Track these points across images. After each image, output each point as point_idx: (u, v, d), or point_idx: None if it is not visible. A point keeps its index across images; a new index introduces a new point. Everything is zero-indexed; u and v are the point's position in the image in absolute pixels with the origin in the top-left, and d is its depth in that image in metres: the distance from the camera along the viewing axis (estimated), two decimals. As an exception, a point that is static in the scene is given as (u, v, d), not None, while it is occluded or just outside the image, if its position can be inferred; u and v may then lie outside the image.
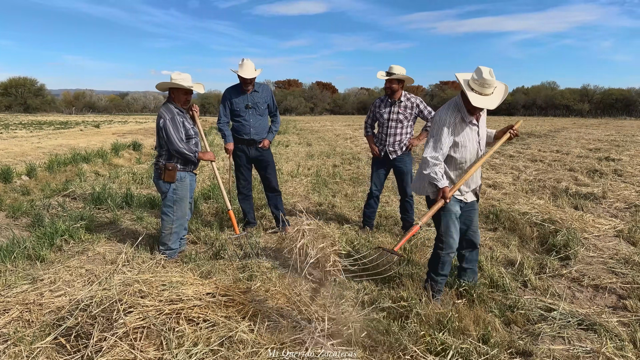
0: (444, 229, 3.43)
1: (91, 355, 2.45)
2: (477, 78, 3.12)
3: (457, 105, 3.30)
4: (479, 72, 3.13)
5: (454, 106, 3.31)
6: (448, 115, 3.27)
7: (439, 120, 3.30)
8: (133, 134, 21.35)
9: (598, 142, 16.90)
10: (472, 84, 3.16)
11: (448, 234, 3.41)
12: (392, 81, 4.88)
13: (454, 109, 3.30)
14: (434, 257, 3.53)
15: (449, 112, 3.29)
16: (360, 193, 7.47)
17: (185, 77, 4.29)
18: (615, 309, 3.41)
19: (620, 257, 4.39)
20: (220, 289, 2.93)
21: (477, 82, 3.12)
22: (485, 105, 3.15)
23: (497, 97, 3.20)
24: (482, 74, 3.10)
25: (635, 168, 9.98)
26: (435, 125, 3.31)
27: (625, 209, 6.38)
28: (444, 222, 3.42)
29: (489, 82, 3.09)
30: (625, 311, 3.35)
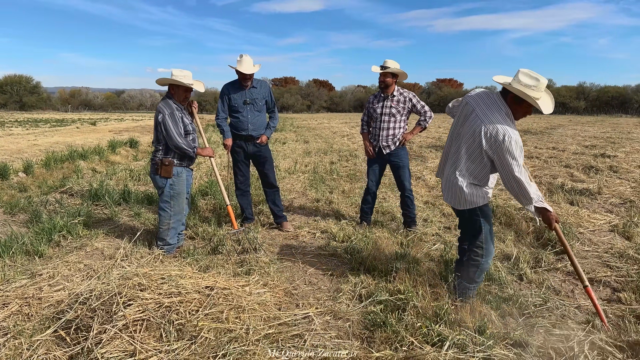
0: (484, 236, 3.22)
1: (91, 347, 2.47)
2: (533, 85, 2.87)
3: (508, 115, 2.97)
4: (533, 78, 2.88)
5: (509, 119, 2.96)
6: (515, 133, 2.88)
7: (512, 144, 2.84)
8: (130, 131, 21.32)
9: (594, 139, 16.96)
10: (525, 90, 2.87)
11: (489, 241, 3.24)
12: (386, 75, 4.92)
13: (511, 123, 2.95)
14: (472, 265, 3.28)
15: (513, 129, 2.90)
16: (358, 189, 7.50)
17: (186, 74, 4.29)
18: (610, 302, 3.46)
19: (615, 251, 4.43)
20: (219, 283, 2.96)
21: (533, 88, 2.87)
22: (551, 109, 2.96)
23: (548, 98, 3.02)
24: (539, 80, 2.87)
25: (630, 164, 10.04)
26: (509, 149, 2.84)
27: (620, 205, 6.43)
28: (486, 229, 3.23)
29: (544, 86, 2.90)
30: (620, 304, 3.40)
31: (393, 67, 4.88)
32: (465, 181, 3.12)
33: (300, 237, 5.04)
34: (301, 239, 4.98)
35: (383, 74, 4.92)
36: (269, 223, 5.55)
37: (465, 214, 3.26)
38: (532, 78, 2.87)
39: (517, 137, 2.87)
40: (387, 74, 4.92)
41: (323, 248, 4.65)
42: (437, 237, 4.97)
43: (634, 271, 3.92)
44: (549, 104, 2.97)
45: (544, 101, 2.94)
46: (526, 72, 2.91)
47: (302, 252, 4.57)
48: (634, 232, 4.98)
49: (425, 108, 5.09)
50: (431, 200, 6.77)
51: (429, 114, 5.10)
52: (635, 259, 4.18)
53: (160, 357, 2.35)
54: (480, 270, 3.26)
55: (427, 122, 5.11)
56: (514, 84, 2.91)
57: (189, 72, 4.33)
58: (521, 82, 2.88)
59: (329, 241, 4.83)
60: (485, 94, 3.10)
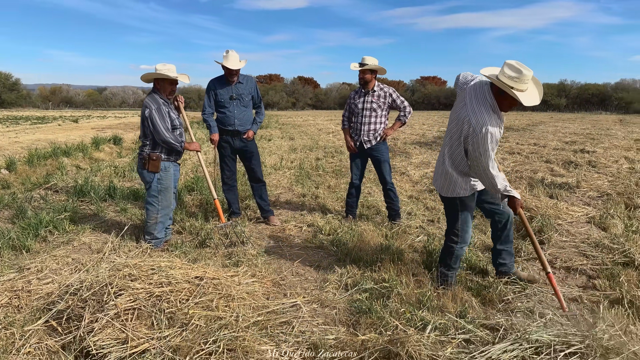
0: (461, 223, 3.35)
1: (83, 336, 2.52)
2: (515, 75, 2.87)
3: (493, 108, 3.02)
4: (515, 68, 2.88)
5: (491, 111, 3.00)
6: (493, 126, 2.95)
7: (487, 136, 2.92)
8: (112, 128, 21.14)
9: (574, 135, 17.32)
10: (508, 82, 2.88)
11: (464, 229, 3.37)
12: (365, 72, 5.02)
13: (493, 115, 3.00)
14: (447, 251, 3.44)
15: (492, 121, 2.96)
16: (343, 185, 7.59)
17: (170, 68, 4.33)
18: (585, 288, 3.60)
19: (592, 242, 4.60)
20: (209, 273, 3.02)
21: (516, 80, 2.87)
22: (533, 102, 2.92)
23: (534, 89, 3.00)
24: (520, 70, 2.86)
25: (608, 159, 10.31)
26: (484, 140, 2.93)
27: (597, 198, 6.63)
28: (463, 217, 3.35)
29: (528, 77, 2.88)
30: (594, 290, 3.55)
31: (371, 63, 4.98)
32: (451, 169, 3.24)
33: (287, 230, 5.12)
34: (288, 233, 5.05)
35: (362, 71, 5.03)
36: (256, 217, 5.61)
37: (447, 201, 3.40)
38: (515, 69, 2.88)
39: (493, 130, 2.94)
40: (366, 71, 5.02)
41: (309, 241, 4.73)
42: (421, 229, 5.09)
43: (609, 260, 4.08)
44: (532, 96, 2.95)
45: (527, 93, 2.92)
46: (511, 63, 2.91)
47: (289, 245, 4.64)
48: (609, 224, 5.15)
49: (405, 103, 5.21)
50: (415, 195, 6.89)
51: (408, 109, 5.21)
52: (610, 249, 4.35)
53: (152, 343, 2.41)
54: (455, 256, 3.40)
55: (406, 118, 5.22)
56: (499, 75, 2.95)
57: (172, 66, 4.36)
58: (505, 73, 2.91)
59: (315, 234, 4.91)
60: (479, 84, 3.14)
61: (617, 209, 5.78)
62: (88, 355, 2.45)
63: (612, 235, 4.76)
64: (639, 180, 7.66)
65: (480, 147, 2.96)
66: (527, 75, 2.88)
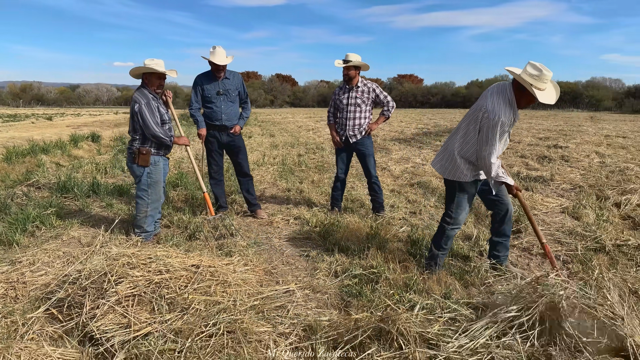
0: (455, 205, 3.55)
1: (86, 322, 2.59)
2: (536, 74, 3.10)
3: (511, 103, 3.22)
4: (537, 68, 3.11)
5: (508, 105, 3.22)
6: (507, 118, 3.18)
7: (496, 121, 3.16)
8: (88, 126, 20.83)
9: (548, 131, 17.85)
10: (529, 79, 3.11)
11: (458, 211, 3.55)
12: (349, 68, 5.17)
13: (509, 108, 3.21)
14: (440, 230, 3.64)
15: (507, 113, 3.19)
16: (327, 179, 7.73)
17: (158, 63, 4.39)
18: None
19: (565, 230, 4.85)
20: (205, 261, 3.12)
21: (536, 78, 3.10)
22: (549, 100, 3.15)
23: (552, 90, 3.23)
24: (542, 70, 3.08)
25: (580, 154, 10.71)
26: (490, 126, 3.18)
27: (570, 190, 6.93)
28: (458, 200, 3.54)
29: (548, 77, 3.10)
30: (569, 274, 3.76)
31: (355, 60, 5.13)
32: (458, 155, 3.44)
33: (275, 223, 5.23)
34: (276, 225, 5.17)
35: (346, 68, 5.17)
36: (243, 211, 5.70)
37: (448, 183, 3.60)
38: (537, 69, 3.11)
39: (505, 121, 3.17)
40: (350, 67, 5.16)
41: (297, 232, 4.86)
42: (404, 220, 5.27)
43: (582, 246, 4.33)
44: (549, 95, 3.17)
45: (545, 92, 3.15)
46: (534, 63, 3.14)
47: (277, 237, 4.76)
48: (582, 213, 5.42)
49: (388, 98, 5.37)
50: (397, 189, 7.07)
51: (392, 103, 5.38)
52: (582, 236, 4.60)
53: (154, 327, 2.51)
54: (446, 236, 3.60)
55: (389, 112, 5.39)
56: (522, 73, 3.17)
57: (160, 61, 4.42)
58: (527, 72, 3.14)
59: (302, 226, 5.04)
60: (503, 83, 3.37)
61: (588, 200, 6.08)
62: (92, 339, 2.53)
63: (584, 224, 5.02)
64: (609, 174, 8.02)
65: (489, 133, 3.19)
66: (547, 75, 3.10)
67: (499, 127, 3.16)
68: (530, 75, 3.13)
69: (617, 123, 25.04)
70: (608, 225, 4.91)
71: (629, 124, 24.22)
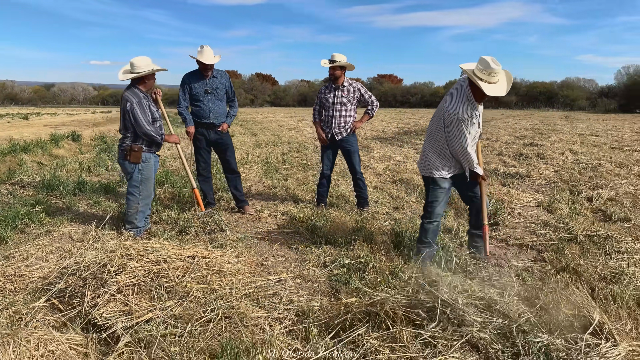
0: (430, 199, 3.77)
1: (88, 310, 2.70)
2: (483, 68, 3.25)
3: (467, 97, 3.42)
4: (485, 62, 3.25)
5: (465, 99, 3.42)
6: (465, 113, 3.38)
7: (459, 118, 3.38)
8: (66, 125, 20.57)
9: (524, 130, 18.35)
10: (479, 74, 3.27)
11: (433, 205, 3.76)
12: (334, 68, 5.34)
13: (466, 102, 3.41)
14: (420, 225, 3.87)
15: (464, 109, 3.39)
16: (311, 177, 7.89)
17: (147, 62, 4.48)
18: (535, 261, 4.06)
19: (540, 222, 5.10)
20: (200, 253, 3.25)
21: (485, 72, 3.25)
22: (497, 92, 3.29)
23: (504, 83, 3.38)
24: (488, 64, 3.22)
25: (555, 152, 11.10)
26: (457, 124, 3.40)
27: (545, 185, 7.24)
28: (433, 195, 3.75)
29: (496, 71, 3.25)
30: (543, 262, 4.01)
31: (340, 60, 5.31)
32: (430, 152, 3.67)
33: (263, 218, 5.37)
34: (264, 220, 5.31)
35: (332, 67, 5.34)
36: (231, 208, 5.82)
37: (424, 179, 3.85)
38: (484, 63, 3.28)
39: (465, 116, 3.39)
40: (336, 67, 5.34)
41: (285, 227, 5.01)
42: (388, 215, 5.46)
43: (555, 237, 4.58)
44: (498, 88, 3.34)
45: (494, 85, 3.32)
46: (483, 58, 3.31)
47: (266, 231, 4.91)
48: (556, 207, 5.70)
49: (372, 98, 5.57)
50: (380, 186, 7.27)
51: (375, 103, 5.58)
52: (556, 227, 4.86)
53: (155, 313, 2.63)
54: (423, 229, 3.81)
55: (374, 111, 5.59)
56: (474, 69, 3.35)
57: (147, 58, 4.49)
58: (477, 67, 3.32)
59: (290, 221, 5.19)
60: (462, 79, 3.57)
61: (562, 194, 6.38)
62: (95, 326, 2.64)
63: (558, 217, 5.29)
64: (582, 170, 8.37)
65: (456, 129, 3.43)
66: (495, 69, 3.26)
67: (461, 122, 3.40)
68: (481, 70, 3.30)
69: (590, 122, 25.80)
70: (580, 217, 5.18)
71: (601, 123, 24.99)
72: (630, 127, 20.54)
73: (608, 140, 14.21)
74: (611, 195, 6.26)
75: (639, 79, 54.63)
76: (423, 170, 3.81)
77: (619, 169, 8.45)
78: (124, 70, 4.52)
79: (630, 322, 2.89)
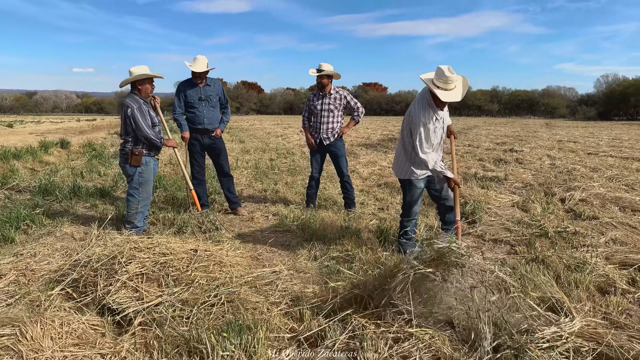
0: (407, 200, 4.14)
1: (102, 296, 2.97)
2: (439, 77, 3.60)
3: (428, 103, 3.79)
4: (440, 71, 3.61)
5: (426, 105, 3.79)
6: (423, 116, 3.76)
7: (417, 122, 3.77)
8: (52, 133, 20.61)
9: (505, 137, 18.94)
10: (436, 82, 3.62)
11: (409, 205, 4.13)
12: (322, 77, 5.70)
13: (426, 108, 3.79)
14: (399, 224, 4.27)
15: (423, 111, 3.77)
16: (300, 181, 8.19)
17: (142, 69, 4.76)
18: (509, 254, 4.42)
19: (514, 220, 5.48)
20: (201, 246, 3.53)
21: (440, 80, 3.59)
22: (451, 98, 3.63)
23: (459, 89, 3.71)
24: (443, 72, 3.58)
25: (533, 157, 11.59)
26: (415, 126, 3.80)
27: (521, 188, 7.65)
28: (409, 196, 4.13)
29: (451, 79, 3.58)
30: (516, 255, 4.36)
31: (327, 69, 5.67)
32: (403, 156, 4.03)
33: (255, 219, 5.66)
34: (256, 221, 5.60)
35: (319, 76, 5.69)
36: (224, 210, 6.10)
37: (400, 182, 4.20)
38: (439, 72, 3.65)
39: (424, 120, 3.78)
40: (323, 76, 5.70)
41: (277, 226, 5.31)
42: (373, 215, 5.79)
43: (528, 232, 4.95)
44: (453, 94, 3.68)
45: (450, 92, 3.67)
46: (439, 67, 3.68)
47: (259, 230, 5.20)
48: (530, 207, 6.09)
49: (358, 105, 5.92)
50: (365, 189, 7.61)
51: (361, 109, 5.93)
52: (528, 224, 5.24)
53: (164, 298, 2.91)
54: (401, 227, 4.20)
55: (359, 117, 5.95)
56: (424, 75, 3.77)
57: (145, 66, 4.79)
58: (435, 75, 3.70)
59: (282, 221, 5.48)
60: (424, 89, 3.93)
61: (537, 196, 6.79)
62: (109, 310, 2.90)
63: (531, 215, 5.68)
64: (558, 174, 8.83)
65: (415, 133, 3.81)
66: (449, 77, 3.62)
67: (421, 126, 3.77)
68: (437, 78, 3.67)
69: (569, 129, 26.64)
70: (551, 216, 5.57)
71: (580, 130, 25.82)
72: (607, 134, 21.31)
73: (585, 146, 14.80)
74: (582, 197, 6.67)
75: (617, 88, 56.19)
76: (399, 174, 4.17)
77: (593, 173, 8.93)
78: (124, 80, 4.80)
79: (589, 303, 3.25)
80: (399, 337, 2.62)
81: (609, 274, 3.73)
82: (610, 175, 8.66)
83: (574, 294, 3.38)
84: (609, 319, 2.99)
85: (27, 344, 2.32)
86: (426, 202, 6.40)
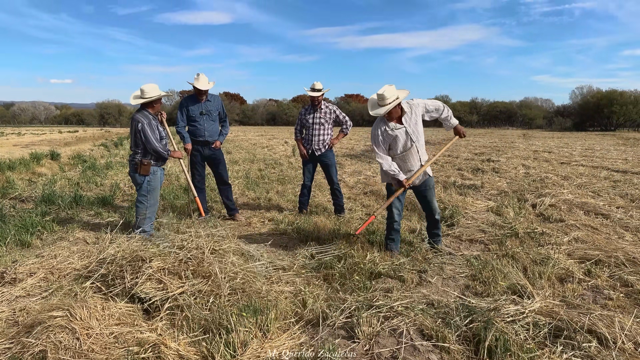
0: (390, 203, 4.66)
1: (130, 288, 3.40)
2: (376, 98, 4.38)
3: (382, 118, 4.47)
4: (375, 95, 4.38)
5: (379, 120, 4.50)
6: (376, 129, 4.49)
7: (372, 135, 4.53)
8: (36, 145, 20.74)
9: (483, 147, 19.72)
10: (378, 101, 4.36)
11: (391, 207, 4.67)
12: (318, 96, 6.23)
13: (379, 122, 4.49)
14: (386, 226, 4.82)
15: (376, 125, 4.50)
16: (290, 190, 8.68)
17: (155, 89, 5.22)
18: (483, 251, 4.96)
19: (489, 223, 6.05)
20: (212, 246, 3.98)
21: (379, 100, 4.32)
22: (377, 113, 4.33)
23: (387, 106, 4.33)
24: (375, 95, 4.36)
25: (509, 166, 12.29)
26: (372, 139, 4.55)
27: (497, 195, 8.25)
28: (388, 198, 4.68)
29: (382, 96, 4.27)
30: (489, 252, 4.90)
31: (319, 88, 6.22)
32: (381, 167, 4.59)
33: (253, 224, 6.12)
34: (254, 225, 6.06)
35: (314, 96, 6.22)
36: (222, 216, 6.54)
37: (386, 187, 4.78)
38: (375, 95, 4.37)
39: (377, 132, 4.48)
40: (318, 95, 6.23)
41: (274, 230, 5.78)
42: (361, 220, 6.29)
43: (500, 233, 5.51)
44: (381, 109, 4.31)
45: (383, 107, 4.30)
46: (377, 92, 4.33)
47: (258, 233, 5.66)
48: (504, 211, 6.67)
49: (346, 118, 6.47)
50: (352, 197, 8.13)
51: (349, 122, 6.48)
52: (501, 226, 5.81)
53: (186, 288, 3.35)
54: (387, 228, 4.75)
55: (347, 129, 6.49)
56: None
57: (155, 85, 5.25)
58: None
59: (278, 225, 5.96)
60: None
61: (511, 201, 7.39)
62: (138, 299, 3.33)
63: (504, 218, 6.25)
64: (531, 182, 9.48)
65: (372, 143, 4.56)
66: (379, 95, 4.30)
67: (377, 137, 4.47)
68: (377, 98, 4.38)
69: (546, 140, 27.69)
70: (522, 219, 6.15)
71: (556, 140, 26.89)
72: (581, 144, 22.32)
73: (559, 156, 15.62)
74: (552, 202, 7.28)
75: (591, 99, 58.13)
76: (383, 179, 4.77)
77: (564, 181, 9.61)
78: (134, 96, 5.23)
79: (550, 289, 3.79)
80: (388, 316, 3.12)
81: (569, 267, 4.28)
82: (580, 182, 9.36)
83: (538, 283, 3.92)
84: (565, 301, 3.53)
85: (78, 323, 2.75)
86: (409, 208, 6.95)
